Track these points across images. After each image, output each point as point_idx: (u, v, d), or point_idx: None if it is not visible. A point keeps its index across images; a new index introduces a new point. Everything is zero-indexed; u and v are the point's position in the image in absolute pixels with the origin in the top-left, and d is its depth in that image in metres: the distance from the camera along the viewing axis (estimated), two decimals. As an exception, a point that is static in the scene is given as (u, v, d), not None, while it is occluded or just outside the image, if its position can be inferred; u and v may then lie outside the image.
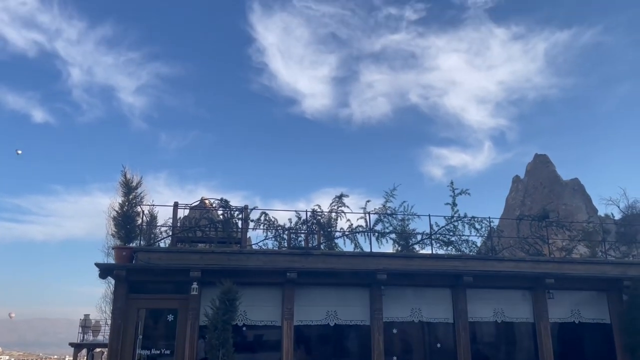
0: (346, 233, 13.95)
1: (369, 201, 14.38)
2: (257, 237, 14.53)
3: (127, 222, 12.16)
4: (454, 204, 14.45)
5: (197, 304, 11.07)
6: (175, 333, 11.17)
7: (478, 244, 14.79)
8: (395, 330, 12.01)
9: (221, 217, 13.78)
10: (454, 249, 14.10)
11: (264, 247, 13.48)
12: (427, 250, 14.07)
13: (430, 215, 14.10)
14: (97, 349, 26.13)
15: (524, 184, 38.38)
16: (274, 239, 13.72)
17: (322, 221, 13.99)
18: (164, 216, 15.68)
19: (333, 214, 14.07)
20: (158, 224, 13.43)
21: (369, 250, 13.32)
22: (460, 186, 14.97)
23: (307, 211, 13.71)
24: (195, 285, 11.02)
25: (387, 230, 14.15)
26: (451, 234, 14.22)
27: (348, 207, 14.08)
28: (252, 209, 13.66)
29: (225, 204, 13.58)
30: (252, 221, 13.60)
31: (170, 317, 11.30)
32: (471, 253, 14.13)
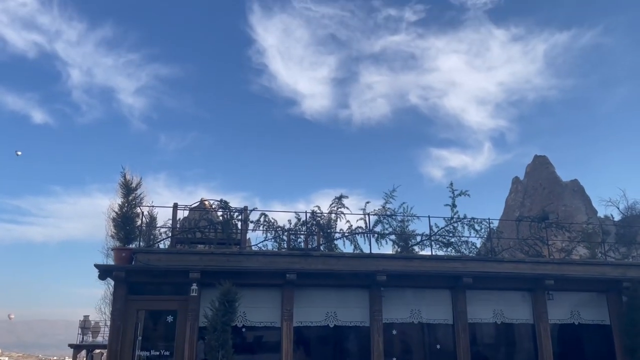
0: (346, 234, 13.94)
1: (368, 202, 14.38)
2: (256, 238, 14.48)
3: (126, 223, 12.13)
4: (454, 205, 14.44)
5: (197, 305, 11.05)
6: (174, 334, 11.14)
7: (478, 245, 14.79)
8: (394, 332, 12.00)
9: (221, 219, 13.77)
10: (453, 250, 14.09)
11: (263, 248, 13.48)
12: (427, 252, 14.08)
13: (429, 217, 14.10)
14: (97, 351, 26.13)
15: (523, 185, 38.41)
16: (273, 240, 13.72)
17: (321, 222, 13.98)
18: (164, 217, 15.67)
19: (333, 215, 14.06)
20: (157, 225, 13.46)
21: (369, 252, 13.28)
22: (459, 187, 15.01)
23: (306, 212, 13.72)
24: (194, 286, 11.00)
25: (386, 232, 14.14)
26: (451, 235, 14.21)
27: (347, 208, 14.08)
28: (251, 210, 13.69)
29: (224, 205, 13.56)
30: (252, 222, 13.62)
31: (170, 319, 11.27)
32: (471, 254, 14.10)
